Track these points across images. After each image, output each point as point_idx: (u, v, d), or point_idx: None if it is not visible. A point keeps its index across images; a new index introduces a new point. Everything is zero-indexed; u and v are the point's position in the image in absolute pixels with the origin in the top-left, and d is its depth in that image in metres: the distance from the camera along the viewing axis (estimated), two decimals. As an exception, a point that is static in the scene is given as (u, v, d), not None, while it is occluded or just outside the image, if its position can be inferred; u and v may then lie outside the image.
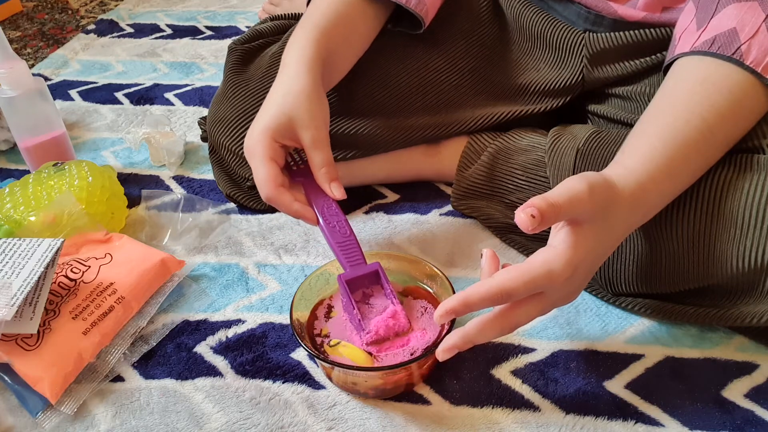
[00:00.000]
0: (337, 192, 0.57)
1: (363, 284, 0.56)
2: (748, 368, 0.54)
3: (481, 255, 0.49)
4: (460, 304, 0.45)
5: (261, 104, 0.70)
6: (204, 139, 0.83)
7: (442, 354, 0.47)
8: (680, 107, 0.51)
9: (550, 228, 0.48)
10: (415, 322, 0.54)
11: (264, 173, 0.56)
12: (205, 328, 0.60)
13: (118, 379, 0.56)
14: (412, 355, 0.51)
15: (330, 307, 0.57)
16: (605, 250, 0.48)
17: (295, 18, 0.81)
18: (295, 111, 0.57)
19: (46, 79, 1.11)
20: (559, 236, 0.45)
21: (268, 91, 0.71)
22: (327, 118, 0.59)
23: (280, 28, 0.80)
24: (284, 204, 0.57)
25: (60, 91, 1.06)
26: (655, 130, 0.51)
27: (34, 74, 0.95)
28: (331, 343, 0.53)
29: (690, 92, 0.52)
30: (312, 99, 0.58)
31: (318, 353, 0.51)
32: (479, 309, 0.45)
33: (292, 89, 0.58)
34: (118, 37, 1.28)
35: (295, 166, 0.62)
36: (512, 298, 0.44)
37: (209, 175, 0.82)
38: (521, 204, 0.67)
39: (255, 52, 0.77)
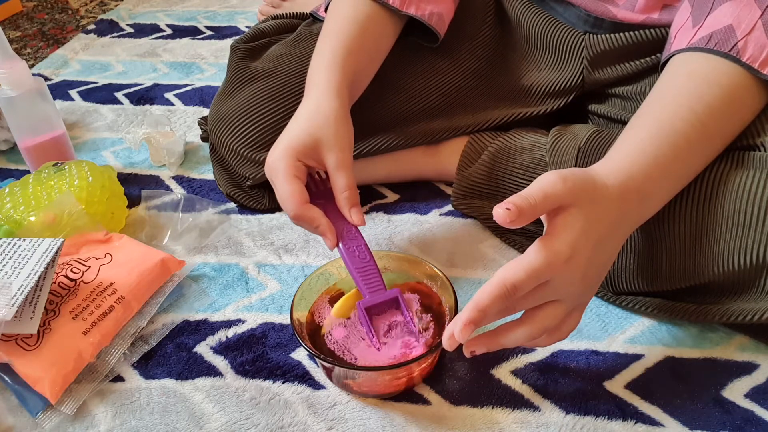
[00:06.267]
0: (357, 218, 0.57)
1: (381, 309, 0.55)
2: (748, 368, 0.54)
3: None
4: (473, 311, 0.43)
5: (264, 103, 0.71)
6: (204, 139, 0.83)
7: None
8: (668, 100, 0.51)
9: None
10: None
11: (288, 190, 0.56)
12: (205, 328, 0.60)
13: (118, 379, 0.56)
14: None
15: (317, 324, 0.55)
16: (602, 237, 0.46)
17: (297, 17, 0.81)
18: (322, 132, 0.57)
19: (46, 79, 1.11)
20: (550, 224, 0.45)
21: (271, 91, 0.71)
22: (352, 142, 0.59)
23: (283, 27, 0.80)
24: (313, 219, 0.56)
25: (60, 91, 1.06)
26: (643, 122, 0.51)
27: (34, 74, 0.95)
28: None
29: (678, 86, 0.52)
30: (339, 122, 0.58)
31: (318, 353, 0.51)
32: (492, 310, 0.44)
33: (320, 110, 0.58)
34: (118, 37, 1.28)
35: (315, 188, 0.61)
36: (518, 289, 0.43)
37: (209, 175, 0.82)
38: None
39: (258, 51, 0.77)
